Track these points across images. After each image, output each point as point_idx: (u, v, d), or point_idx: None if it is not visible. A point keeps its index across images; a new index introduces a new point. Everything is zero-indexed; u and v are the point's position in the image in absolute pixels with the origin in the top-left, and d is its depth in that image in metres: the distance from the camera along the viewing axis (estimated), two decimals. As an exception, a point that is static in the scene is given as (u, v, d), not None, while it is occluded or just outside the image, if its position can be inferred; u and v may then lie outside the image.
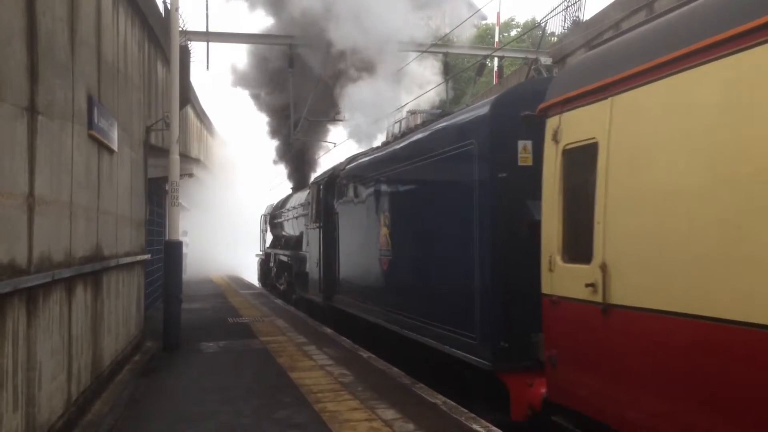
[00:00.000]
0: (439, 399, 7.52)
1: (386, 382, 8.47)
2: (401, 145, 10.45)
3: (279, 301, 20.00)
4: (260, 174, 33.77)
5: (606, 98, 5.14)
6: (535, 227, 6.18)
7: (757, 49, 3.76)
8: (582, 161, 5.43)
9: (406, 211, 9.92)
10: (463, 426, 6.46)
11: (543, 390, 6.12)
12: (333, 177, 14.66)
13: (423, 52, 18.95)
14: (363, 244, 11.94)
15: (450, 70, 19.22)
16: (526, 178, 6.66)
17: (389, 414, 6.88)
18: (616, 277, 4.93)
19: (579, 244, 5.44)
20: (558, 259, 5.70)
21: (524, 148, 7.00)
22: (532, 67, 17.43)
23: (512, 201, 6.90)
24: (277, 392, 7.94)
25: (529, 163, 6.87)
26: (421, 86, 18.44)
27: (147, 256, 12.41)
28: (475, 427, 6.40)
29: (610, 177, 5.02)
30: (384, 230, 10.60)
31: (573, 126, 5.59)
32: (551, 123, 5.91)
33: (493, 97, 7.86)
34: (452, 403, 7.35)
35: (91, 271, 7.35)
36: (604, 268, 5.01)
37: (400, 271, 10.01)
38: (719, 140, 4.05)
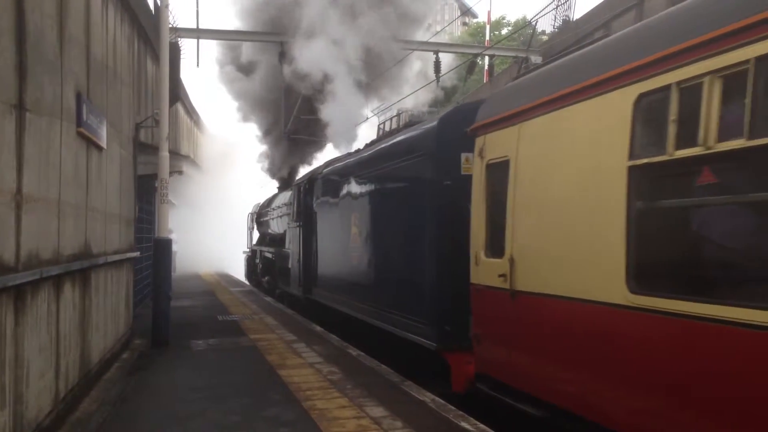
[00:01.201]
0: (427, 397, 7.55)
1: (375, 379, 8.50)
2: (369, 152, 11.60)
3: (268, 299, 20.00)
4: (250, 171, 33.74)
5: (515, 125, 6.36)
6: None
7: (599, 98, 5.11)
8: (499, 174, 6.60)
9: (371, 212, 11.02)
10: (452, 423, 6.49)
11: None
12: (312, 179, 15.71)
13: (414, 50, 18.99)
14: (337, 242, 13.08)
15: (440, 68, 19.27)
16: (468, 185, 7.36)
17: (378, 411, 6.90)
18: (519, 269, 6.13)
19: (496, 243, 6.61)
20: (482, 254, 6.87)
21: (467, 159, 7.82)
22: (523, 65, 17.49)
23: (456, 206, 7.78)
24: (267, 390, 7.95)
25: (471, 172, 7.48)
26: (413, 85, 18.50)
27: (136, 254, 12.37)
28: (463, 424, 6.44)
29: (516, 188, 6.26)
30: (354, 229, 11.75)
31: (493, 145, 6.79)
32: (478, 141, 7.10)
33: (440, 115, 9.15)
34: (441, 401, 7.39)
35: (80, 269, 7.33)
36: (511, 261, 6.21)
37: (367, 267, 11.08)
38: (582, 162, 5.29)
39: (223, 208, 37.96)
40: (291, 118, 21.60)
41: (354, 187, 11.96)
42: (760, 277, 3.81)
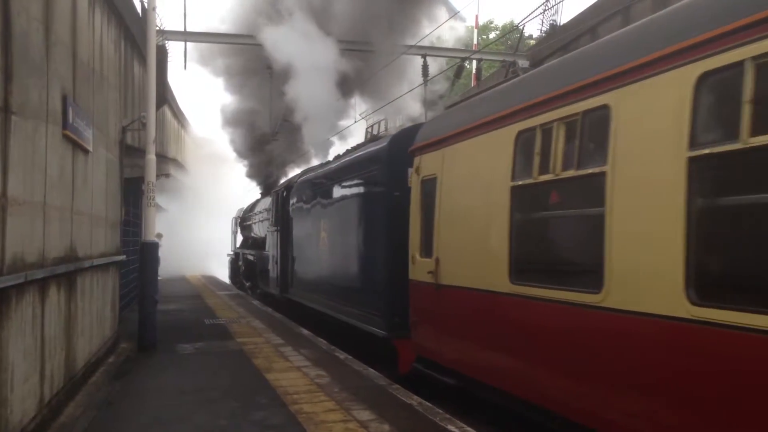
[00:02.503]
0: (414, 400, 7.56)
1: (362, 383, 8.50)
2: (336, 164, 13.12)
3: (256, 302, 19.94)
4: (235, 175, 33.83)
5: (441, 148, 7.80)
6: None
7: (492, 132, 6.59)
8: (430, 189, 7.99)
9: (336, 218, 12.38)
10: (438, 426, 6.51)
11: None
12: (289, 187, 17.09)
13: (402, 54, 19.02)
14: (309, 245, 14.46)
15: (428, 72, 19.31)
16: None
17: (365, 415, 6.91)
18: (442, 266, 7.56)
19: (428, 245, 7.99)
20: (417, 255, 8.31)
21: (412, 174, 8.75)
22: (510, 69, 17.56)
23: (404, 214, 8.80)
24: (254, 394, 7.93)
25: None
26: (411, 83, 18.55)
27: (122, 257, 12.31)
28: (450, 427, 6.46)
29: (441, 201, 7.70)
30: (323, 234, 13.14)
31: (426, 164, 8.22)
32: (416, 160, 8.52)
33: (391, 135, 10.43)
34: (428, 404, 7.40)
35: (65, 272, 7.29)
36: (437, 260, 7.66)
37: (333, 268, 12.51)
38: (482, 182, 6.72)
39: (208, 211, 38.10)
40: (278, 123, 21.60)
41: (323, 196, 13.33)
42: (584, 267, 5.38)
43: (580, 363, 5.14)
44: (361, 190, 11.02)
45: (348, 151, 13.46)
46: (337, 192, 12.29)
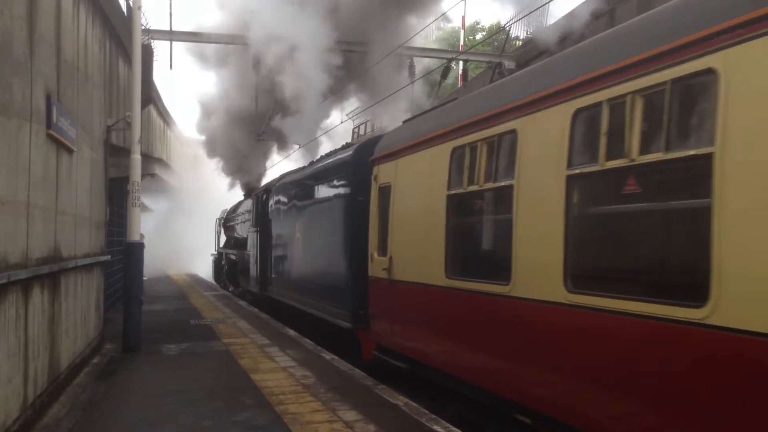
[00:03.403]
0: (400, 400, 7.58)
1: (348, 383, 8.51)
2: (309, 170, 14.08)
3: (242, 303, 19.89)
4: (219, 175, 33.82)
5: (394, 159, 8.78)
6: None
7: (433, 148, 7.58)
8: (385, 195, 8.96)
9: (309, 221, 13.35)
10: (424, 427, 6.53)
11: None
12: (268, 190, 18.10)
13: (390, 54, 19.01)
14: (285, 246, 15.40)
15: (414, 73, 19.33)
16: None
17: (351, 415, 6.91)
18: (394, 264, 8.52)
19: (384, 245, 8.94)
20: (375, 254, 9.24)
21: (372, 181, 9.49)
22: (497, 70, 17.61)
23: (366, 217, 9.59)
24: (239, 394, 7.91)
25: None
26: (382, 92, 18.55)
27: (107, 258, 12.23)
28: (436, 428, 6.48)
29: (394, 206, 8.66)
30: (298, 234, 14.06)
31: (382, 173, 9.19)
32: (375, 169, 9.46)
33: (356, 145, 11.60)
34: (414, 404, 7.42)
35: (49, 273, 7.24)
36: (390, 259, 8.61)
37: (306, 267, 13.43)
38: (425, 191, 7.76)
39: (193, 210, 38.08)
40: (265, 122, 21.55)
41: (297, 199, 14.40)
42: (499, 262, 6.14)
43: (496, 343, 6.11)
44: (329, 194, 11.99)
45: (321, 158, 14.31)
46: (310, 196, 13.32)
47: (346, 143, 14.71)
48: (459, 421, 6.88)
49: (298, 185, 14.39)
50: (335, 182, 11.57)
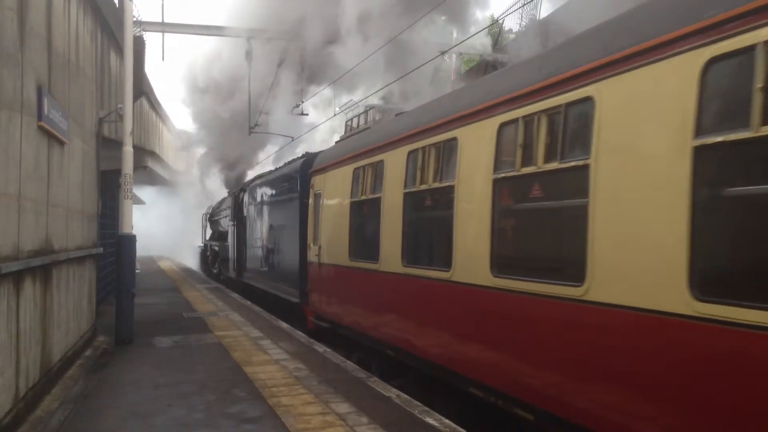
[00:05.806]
0: (392, 393, 7.61)
1: (341, 375, 8.53)
2: (272, 175, 17.44)
3: (235, 295, 19.88)
4: (207, 170, 33.91)
5: (324, 173, 11.43)
6: None
7: (344, 166, 10.28)
8: (318, 200, 11.62)
9: (271, 218, 16.87)
10: (417, 419, 6.56)
11: None
12: (243, 189, 21.44)
13: (383, 47, 18.94)
14: (255, 238, 18.89)
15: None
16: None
17: (343, 408, 6.94)
18: (322, 251, 11.25)
19: (316, 237, 11.73)
20: (311, 244, 12.05)
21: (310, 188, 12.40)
22: (489, 65, 17.58)
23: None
24: (231, 387, 7.92)
25: None
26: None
27: (99, 250, 12.20)
28: (428, 420, 6.51)
29: (322, 208, 11.32)
30: (263, 229, 17.62)
31: (317, 183, 11.89)
32: (312, 180, 12.20)
33: (303, 159, 14.49)
34: (406, 396, 7.45)
35: (41, 265, 7.22)
36: (320, 247, 11.36)
37: (270, 256, 16.87)
38: (339, 198, 10.40)
39: (184, 202, 38.44)
40: (258, 115, 21.50)
41: (263, 199, 17.88)
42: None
43: (378, 299, 8.65)
44: (285, 197, 15.32)
45: (281, 166, 17.23)
46: (271, 197, 16.89)
47: (290, 160, 17.34)
48: (450, 415, 6.92)
49: (264, 187, 17.76)
50: (288, 187, 14.87)
